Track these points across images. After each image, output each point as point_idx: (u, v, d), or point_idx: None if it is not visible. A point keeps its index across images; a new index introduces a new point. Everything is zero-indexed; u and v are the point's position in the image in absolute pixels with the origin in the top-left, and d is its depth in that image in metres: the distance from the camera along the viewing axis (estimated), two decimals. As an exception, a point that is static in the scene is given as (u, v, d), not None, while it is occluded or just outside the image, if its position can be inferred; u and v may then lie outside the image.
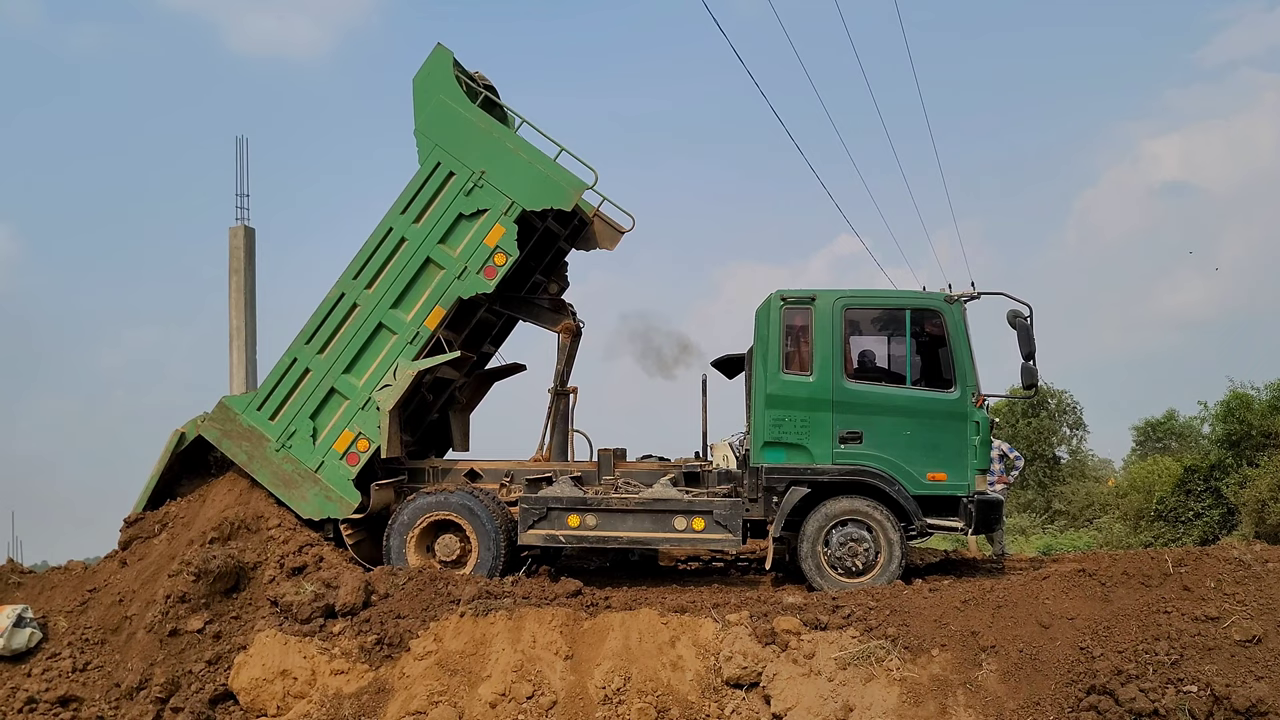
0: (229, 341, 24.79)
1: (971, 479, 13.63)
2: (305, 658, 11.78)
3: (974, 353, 13.81)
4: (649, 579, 15.80)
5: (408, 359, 14.47)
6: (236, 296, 24.89)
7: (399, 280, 14.54)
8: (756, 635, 11.11)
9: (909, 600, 11.76)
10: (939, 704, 10.13)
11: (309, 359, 14.61)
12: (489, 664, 11.21)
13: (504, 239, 14.44)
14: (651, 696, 10.67)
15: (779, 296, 14.13)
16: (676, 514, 14.12)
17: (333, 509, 14.39)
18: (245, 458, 14.47)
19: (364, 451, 14.52)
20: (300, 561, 13.43)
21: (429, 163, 14.60)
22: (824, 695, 10.42)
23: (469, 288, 14.46)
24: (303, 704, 11.42)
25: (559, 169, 14.67)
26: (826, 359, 13.84)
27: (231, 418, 14.56)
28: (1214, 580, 10.60)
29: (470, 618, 11.78)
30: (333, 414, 14.63)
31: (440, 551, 14.48)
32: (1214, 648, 9.78)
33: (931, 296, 14.04)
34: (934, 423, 13.78)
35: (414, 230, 14.55)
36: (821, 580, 13.46)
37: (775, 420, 14.00)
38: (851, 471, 13.74)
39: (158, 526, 14.58)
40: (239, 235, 25.29)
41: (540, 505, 14.31)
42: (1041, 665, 10.28)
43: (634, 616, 11.65)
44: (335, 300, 14.64)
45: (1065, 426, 48.26)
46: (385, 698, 11.17)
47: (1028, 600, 11.28)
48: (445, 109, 14.62)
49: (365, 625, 12.14)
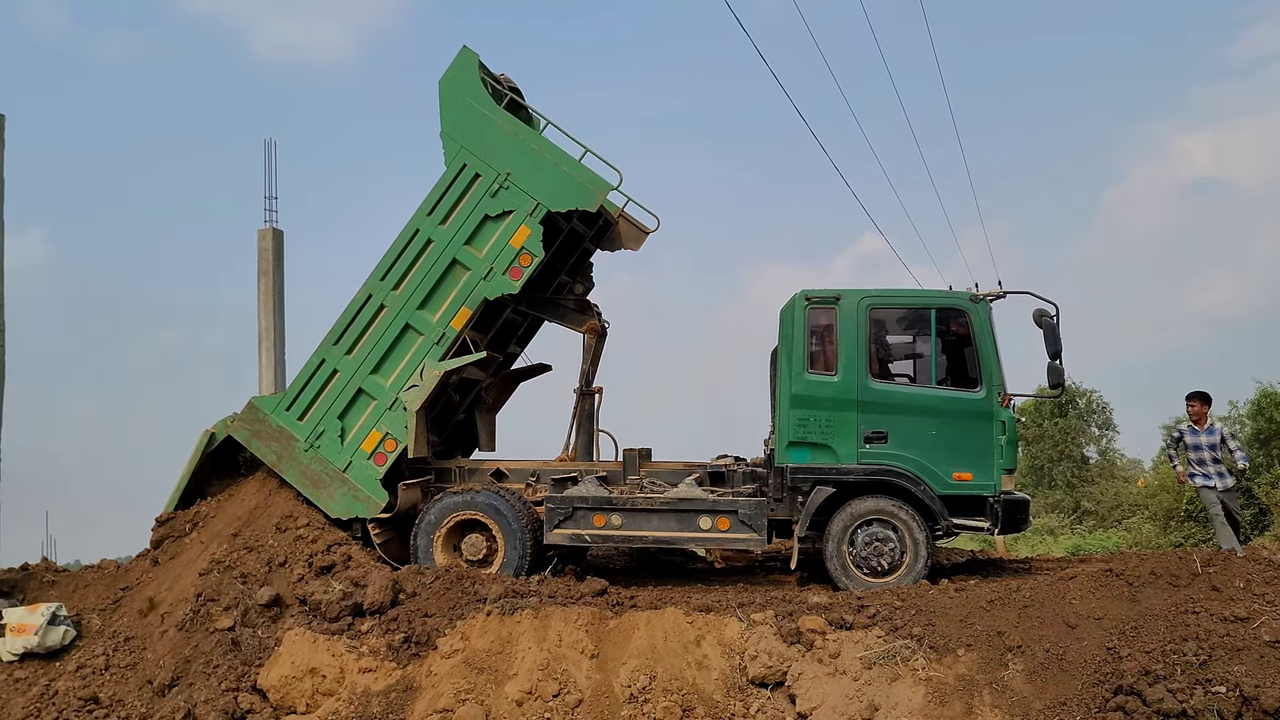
0: (258, 342, 24.80)
1: (998, 478, 13.51)
2: (334, 656, 11.84)
3: (1000, 352, 13.74)
4: (675, 578, 15.80)
5: (434, 359, 14.52)
6: (265, 298, 24.87)
7: (426, 281, 14.59)
8: (781, 634, 11.14)
9: (934, 600, 11.75)
10: (965, 704, 10.15)
11: (337, 360, 14.69)
12: (515, 662, 11.27)
13: (529, 240, 14.46)
14: (677, 695, 10.71)
15: (803, 296, 14.08)
16: (702, 513, 14.06)
17: (360, 508, 14.46)
18: (274, 457, 14.57)
19: (391, 451, 14.60)
20: (329, 560, 13.48)
21: (455, 164, 14.64)
22: (849, 694, 10.46)
23: (495, 288, 14.50)
24: (331, 701, 11.47)
25: (584, 170, 14.66)
26: (851, 359, 13.80)
27: (260, 418, 14.67)
28: (1243, 581, 10.71)
29: (496, 616, 11.86)
30: (360, 414, 14.72)
31: (467, 550, 14.52)
32: (1243, 648, 9.79)
33: (957, 296, 13.92)
34: (959, 422, 13.68)
35: (440, 231, 14.60)
36: (847, 580, 13.45)
37: (800, 420, 13.95)
38: (877, 471, 13.68)
39: (189, 525, 14.71)
40: (267, 237, 25.25)
41: (566, 505, 14.30)
42: (1068, 665, 10.29)
43: (659, 616, 11.69)
44: (363, 301, 14.71)
45: (1094, 426, 47.88)
46: (413, 695, 11.23)
47: (1054, 600, 11.34)
48: (471, 111, 14.66)
49: (393, 624, 12.20)
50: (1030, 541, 33.44)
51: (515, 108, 15.44)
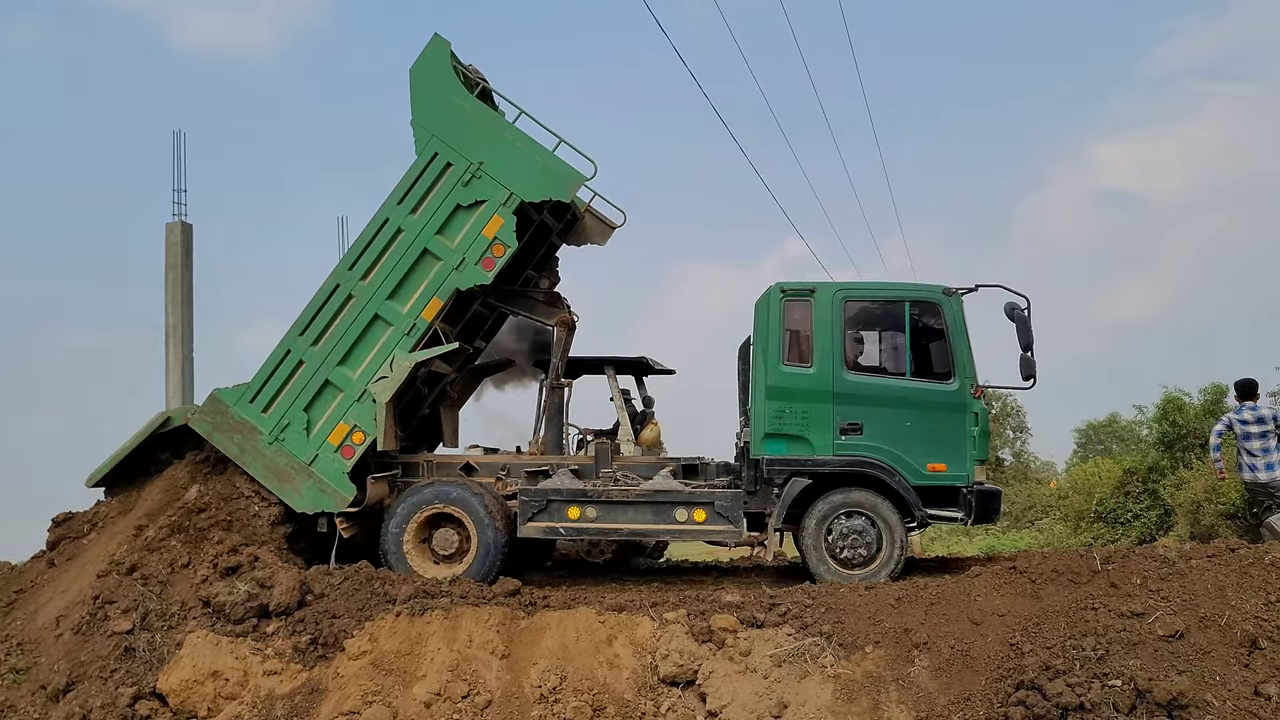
0: (165, 339, 24.64)
1: (971, 469, 13.66)
2: (237, 658, 11.72)
3: (972, 345, 13.94)
4: (589, 578, 15.90)
5: (404, 351, 14.39)
6: (173, 293, 24.46)
7: (395, 271, 14.45)
8: (693, 633, 11.15)
9: (844, 598, 11.75)
10: (872, 700, 10.24)
11: (303, 351, 14.50)
12: (424, 663, 11.17)
13: (502, 230, 14.34)
14: (587, 695, 10.66)
15: (779, 288, 14.18)
16: (678, 505, 14.07)
17: (327, 503, 14.29)
18: (237, 451, 14.34)
19: (359, 444, 14.43)
20: (234, 561, 13.21)
21: (426, 153, 14.50)
22: (759, 692, 10.47)
23: (467, 279, 14.38)
24: (234, 705, 11.36)
25: (558, 161, 14.58)
26: (826, 351, 13.88)
27: (223, 410, 14.42)
28: (1140, 577, 10.87)
29: (406, 617, 11.75)
30: (327, 406, 14.53)
31: (438, 545, 14.43)
32: (1138, 643, 10.01)
33: (930, 289, 14.05)
34: (934, 414, 13.82)
35: (411, 221, 14.46)
36: (825, 572, 13.46)
37: (776, 412, 13.99)
38: (853, 463, 13.75)
39: (87, 526, 14.51)
40: (176, 231, 24.86)
41: (540, 497, 14.26)
42: (972, 661, 10.42)
43: (571, 615, 11.65)
44: (330, 291, 14.55)
45: (1009, 429, 49.91)
46: (318, 698, 11.15)
47: (960, 597, 11.43)
48: (443, 99, 14.54)
49: (300, 625, 12.11)
50: (945, 541, 34.75)
51: (485, 97, 15.32)
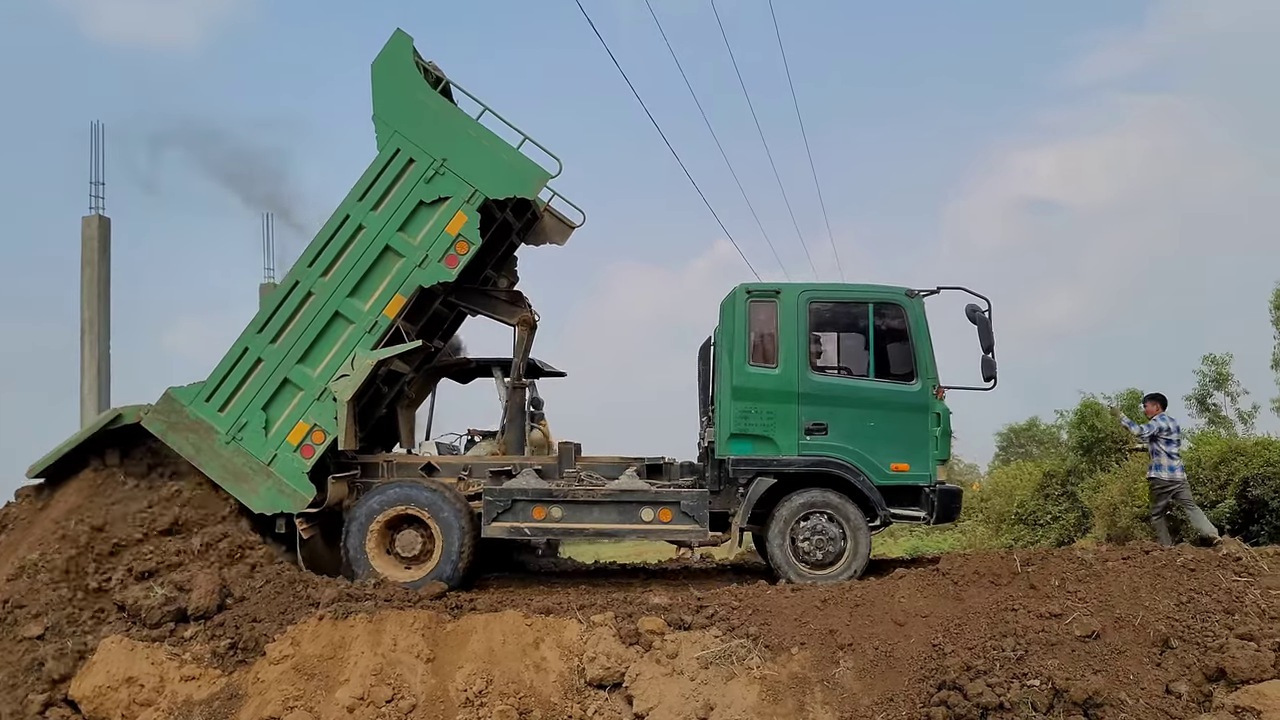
0: (81, 335, 24.44)
1: (933, 469, 13.95)
2: (153, 664, 11.58)
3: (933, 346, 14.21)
4: (518, 579, 15.96)
5: (366, 349, 14.22)
6: (89, 289, 24.19)
7: (357, 268, 14.26)
8: (621, 636, 11.21)
9: (770, 600, 11.92)
10: (797, 701, 10.37)
11: (261, 348, 14.26)
12: (348, 668, 11.09)
13: (466, 227, 14.21)
14: (513, 699, 10.66)
15: (744, 289, 14.35)
16: (644, 505, 14.16)
17: (286, 503, 14.08)
18: (192, 451, 14.09)
19: (319, 444, 14.21)
20: (150, 565, 12.99)
21: (388, 149, 14.34)
22: (685, 694, 10.62)
23: (430, 276, 14.24)
24: (150, 712, 11.23)
25: (522, 158, 14.42)
26: (791, 351, 14.05)
27: (177, 409, 14.15)
28: (1058, 579, 11.29)
29: (329, 621, 11.66)
30: (286, 405, 14.30)
31: (401, 547, 14.23)
32: (1056, 643, 10.35)
33: (893, 290, 14.25)
34: (897, 414, 14.04)
35: (373, 217, 14.27)
36: (790, 572, 13.56)
37: (741, 412, 14.11)
38: (818, 463, 13.91)
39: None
40: (93, 225, 24.54)
41: (505, 497, 14.19)
42: (896, 662, 10.62)
43: (498, 618, 11.61)
44: (289, 288, 14.36)
45: None
46: (237, 704, 11.03)
47: (884, 599, 11.64)
48: (405, 94, 14.38)
49: (219, 629, 12.02)
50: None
51: (445, 94, 15.11)
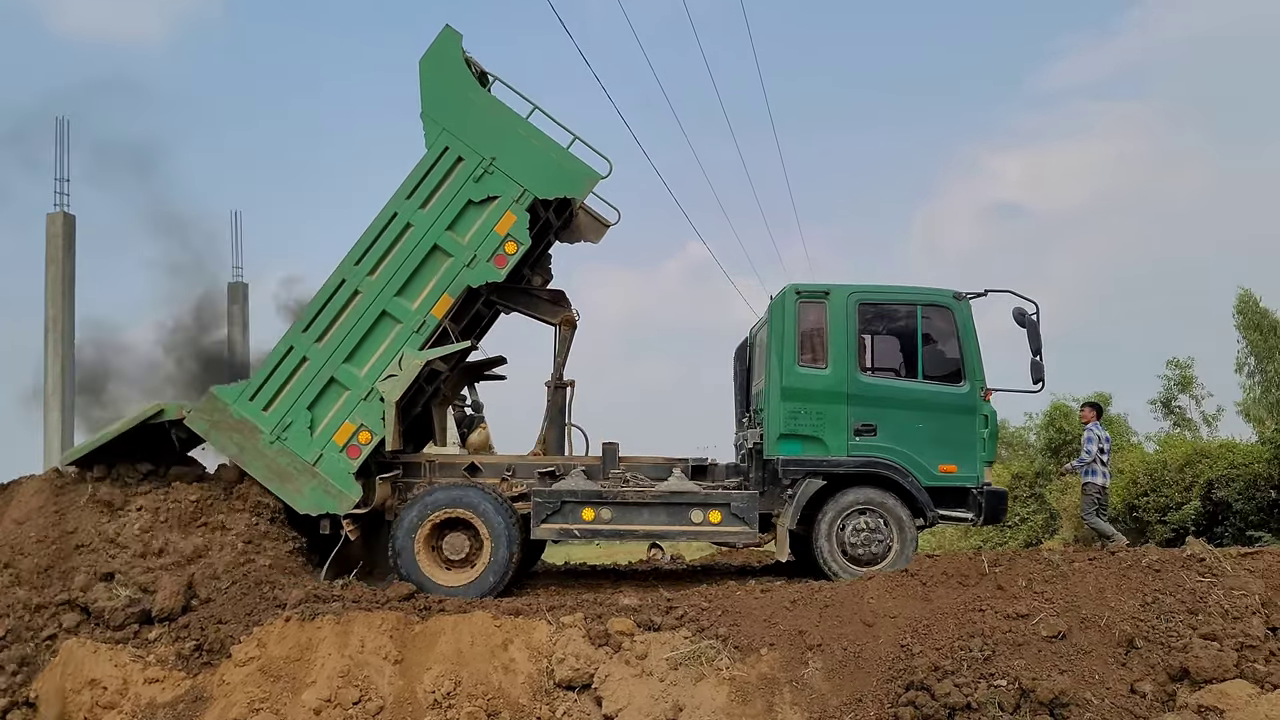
0: (45, 333, 24.47)
1: (981, 470, 14.09)
2: (116, 666, 11.48)
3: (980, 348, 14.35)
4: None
5: (414, 348, 14.08)
6: (54, 286, 24.29)
7: (404, 267, 14.14)
8: (590, 637, 11.14)
9: (740, 601, 11.90)
10: (766, 702, 10.35)
11: (306, 347, 14.15)
12: (314, 669, 11.01)
13: (515, 227, 14.12)
14: (482, 700, 10.60)
15: (794, 290, 14.45)
16: (693, 507, 14.13)
17: (331, 504, 13.94)
18: (236, 450, 14.02)
19: (366, 444, 14.06)
20: (114, 566, 12.82)
21: (436, 147, 14.23)
22: (655, 696, 10.52)
23: (479, 276, 14.12)
24: (113, 715, 11.16)
25: (572, 158, 14.32)
26: (841, 352, 14.19)
27: (221, 409, 14.05)
28: (1025, 580, 11.21)
29: (296, 622, 11.55)
30: (332, 405, 14.17)
31: (448, 550, 14.06)
32: (1023, 643, 10.32)
33: (941, 293, 14.39)
34: (945, 416, 14.15)
35: (420, 216, 14.16)
36: (836, 569, 13.74)
37: (791, 412, 14.18)
38: (867, 463, 14.03)
39: None
40: (57, 222, 24.58)
41: (554, 499, 14.10)
42: (864, 663, 10.58)
43: (466, 619, 11.53)
44: (335, 287, 14.21)
45: None
46: (202, 706, 10.93)
47: (853, 600, 11.55)
48: (454, 92, 14.29)
49: (184, 631, 11.98)
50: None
51: None
